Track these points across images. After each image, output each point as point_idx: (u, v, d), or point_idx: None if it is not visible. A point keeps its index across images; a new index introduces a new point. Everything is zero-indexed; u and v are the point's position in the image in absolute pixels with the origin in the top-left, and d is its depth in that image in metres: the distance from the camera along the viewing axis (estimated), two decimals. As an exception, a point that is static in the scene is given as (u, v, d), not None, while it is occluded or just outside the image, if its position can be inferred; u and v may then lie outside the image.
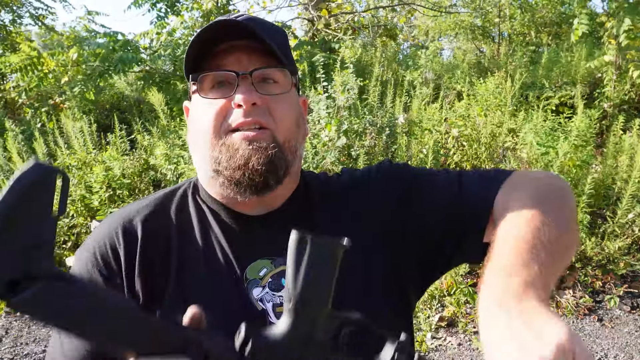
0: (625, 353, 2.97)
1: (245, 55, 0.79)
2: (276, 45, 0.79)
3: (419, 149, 3.99)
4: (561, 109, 5.07)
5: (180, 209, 0.87)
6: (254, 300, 0.80)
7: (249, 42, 0.80)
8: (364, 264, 0.84)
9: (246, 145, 0.77)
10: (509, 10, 8.42)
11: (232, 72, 0.78)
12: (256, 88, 0.79)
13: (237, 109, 0.78)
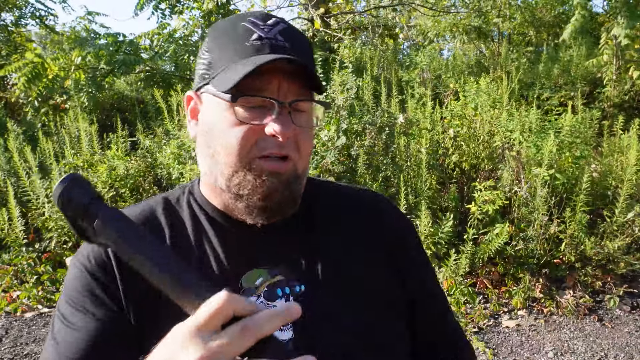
0: (625, 353, 2.97)
1: (285, 82, 0.77)
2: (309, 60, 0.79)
3: (417, 148, 3.99)
4: (560, 109, 5.07)
5: (173, 216, 0.86)
6: None
7: (290, 66, 0.77)
8: (363, 277, 0.85)
9: (273, 178, 0.77)
10: (509, 11, 8.42)
11: (273, 100, 0.76)
12: (292, 118, 0.77)
13: (270, 138, 0.77)
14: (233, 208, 0.81)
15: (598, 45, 6.50)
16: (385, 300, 0.86)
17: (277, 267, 0.82)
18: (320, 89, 0.80)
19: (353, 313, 0.81)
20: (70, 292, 0.80)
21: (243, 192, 0.78)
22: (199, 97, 0.85)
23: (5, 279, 3.81)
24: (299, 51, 0.79)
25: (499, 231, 3.38)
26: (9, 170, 4.69)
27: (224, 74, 0.78)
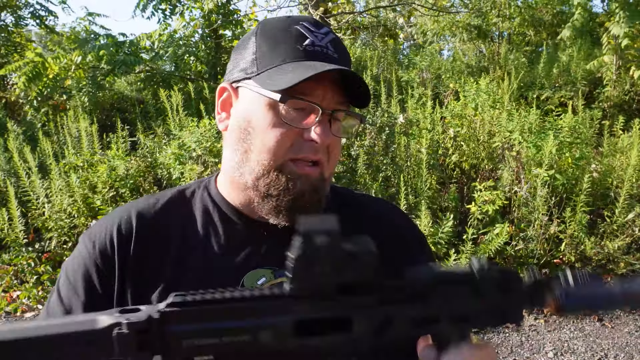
0: (625, 353, 2.97)
1: (330, 91, 0.79)
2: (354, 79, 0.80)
3: (417, 148, 3.99)
4: (560, 109, 5.07)
5: (185, 210, 0.86)
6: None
7: (337, 76, 0.79)
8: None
9: (304, 181, 0.79)
10: (508, 11, 8.42)
11: (317, 107, 0.78)
12: (331, 127, 0.80)
13: (307, 142, 0.79)
14: (256, 206, 0.82)
15: (598, 46, 6.50)
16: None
17: (282, 268, 0.81)
18: (362, 102, 0.82)
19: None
20: (72, 265, 0.82)
21: (272, 192, 0.79)
22: (235, 90, 0.84)
23: (5, 279, 3.82)
24: (345, 63, 0.82)
25: (499, 231, 3.38)
26: (9, 170, 4.70)
27: (273, 73, 0.78)
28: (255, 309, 0.56)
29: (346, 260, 0.54)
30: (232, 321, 0.56)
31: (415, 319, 0.59)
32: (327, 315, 0.57)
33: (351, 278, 0.55)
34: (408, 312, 0.59)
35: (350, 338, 0.57)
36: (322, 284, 0.55)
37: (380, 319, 0.58)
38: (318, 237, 0.53)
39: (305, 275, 0.54)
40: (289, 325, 0.56)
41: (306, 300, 0.56)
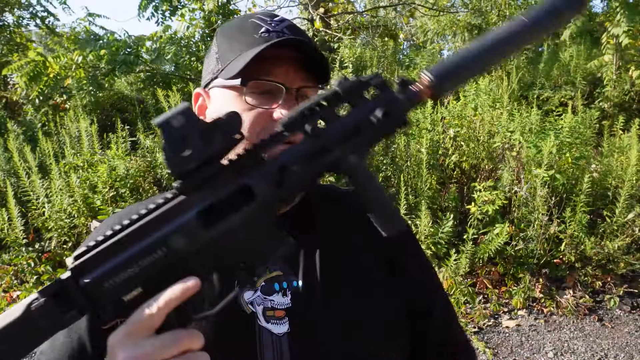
0: (625, 353, 2.97)
1: (292, 68, 0.81)
2: (316, 58, 0.81)
3: (417, 148, 3.99)
4: (560, 109, 5.07)
5: None
6: (243, 303, 0.81)
7: (294, 52, 0.80)
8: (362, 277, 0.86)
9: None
10: (508, 11, 8.42)
11: (281, 86, 0.79)
12: (298, 104, 0.79)
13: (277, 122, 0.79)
14: None
15: (598, 45, 6.50)
16: (384, 299, 0.86)
17: (276, 262, 0.84)
18: (327, 79, 0.83)
19: (349, 310, 0.82)
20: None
21: None
22: (207, 93, 0.87)
23: (5, 279, 3.81)
24: (308, 44, 0.82)
25: (499, 231, 3.38)
26: (9, 170, 4.69)
27: (232, 64, 0.81)
28: (155, 222, 0.56)
29: (212, 130, 0.54)
30: (138, 243, 0.55)
31: (306, 156, 0.58)
32: (224, 193, 0.57)
33: (224, 144, 0.55)
34: (295, 153, 0.58)
35: (258, 202, 0.57)
36: (200, 160, 0.54)
37: (273, 170, 0.58)
38: (174, 120, 0.53)
39: (181, 161, 0.54)
40: (193, 219, 0.56)
41: (198, 187, 0.56)
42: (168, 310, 0.55)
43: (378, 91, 0.60)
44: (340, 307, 0.82)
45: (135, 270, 0.55)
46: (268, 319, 0.80)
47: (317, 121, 0.59)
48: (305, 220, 0.88)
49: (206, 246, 0.57)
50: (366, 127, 0.59)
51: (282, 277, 0.83)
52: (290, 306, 0.81)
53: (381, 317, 0.84)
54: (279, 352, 0.77)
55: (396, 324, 0.87)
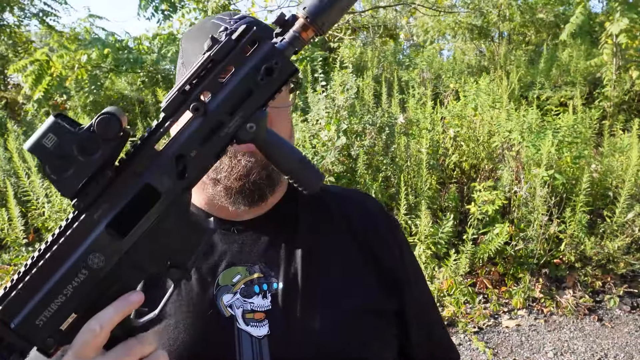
0: (625, 353, 2.97)
1: None
2: None
3: (417, 148, 3.99)
4: (560, 109, 5.07)
5: None
6: (222, 306, 0.80)
7: None
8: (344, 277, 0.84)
9: (248, 157, 0.78)
10: (509, 11, 8.42)
11: None
12: None
13: None
14: (214, 197, 0.82)
15: (597, 45, 6.50)
16: (366, 300, 0.85)
17: (256, 264, 0.83)
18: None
19: (330, 311, 0.81)
20: None
21: (220, 176, 0.79)
22: None
23: (5, 279, 3.81)
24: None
25: (499, 231, 3.38)
26: (9, 170, 4.69)
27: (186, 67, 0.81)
28: (67, 246, 0.54)
29: (89, 139, 0.51)
30: (57, 272, 0.54)
31: (200, 137, 0.55)
32: (127, 198, 0.54)
33: (108, 151, 0.52)
34: (188, 137, 0.55)
35: (164, 199, 0.55)
36: (87, 175, 0.52)
37: (169, 161, 0.55)
38: (45, 140, 0.50)
39: (66, 182, 0.52)
40: (104, 233, 0.54)
41: (98, 200, 0.54)
42: (112, 326, 0.55)
43: (256, 43, 0.55)
44: (321, 309, 0.80)
45: (63, 299, 0.54)
46: (247, 321, 0.79)
47: (200, 95, 0.54)
48: (288, 220, 0.87)
49: (126, 256, 0.55)
50: (254, 88, 0.55)
51: (262, 278, 0.82)
52: (270, 308, 0.80)
53: (362, 319, 0.83)
54: (259, 355, 0.77)
55: (377, 326, 0.85)
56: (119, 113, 0.53)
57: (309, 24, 0.55)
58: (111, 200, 0.54)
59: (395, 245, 0.92)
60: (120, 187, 0.54)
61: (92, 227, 0.54)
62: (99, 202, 0.54)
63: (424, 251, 3.37)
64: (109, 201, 0.54)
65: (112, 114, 0.52)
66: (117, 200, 0.54)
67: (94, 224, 0.54)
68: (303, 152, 3.02)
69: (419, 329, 0.92)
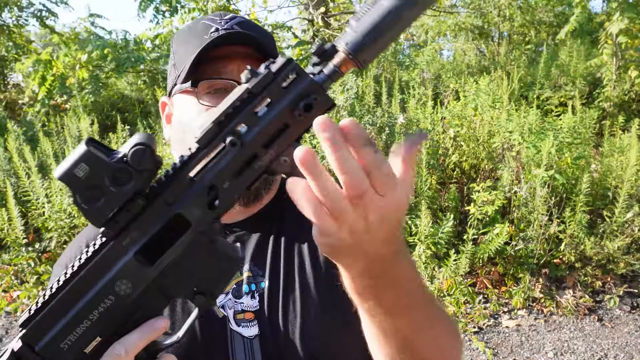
0: (625, 353, 2.97)
1: (243, 63, 0.80)
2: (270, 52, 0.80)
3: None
4: (560, 109, 5.07)
5: None
6: (215, 306, 0.80)
7: (246, 48, 0.80)
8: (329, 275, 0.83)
9: None
10: (509, 11, 8.42)
11: (232, 82, 0.79)
12: None
13: None
14: None
15: (597, 45, 6.50)
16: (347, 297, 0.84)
17: (246, 264, 0.84)
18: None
19: (314, 308, 0.81)
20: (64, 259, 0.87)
21: None
22: (171, 101, 0.88)
23: (5, 279, 3.82)
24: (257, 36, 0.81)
25: (499, 231, 3.38)
26: (9, 170, 4.69)
27: (186, 68, 0.81)
28: (95, 272, 0.54)
29: (122, 170, 0.51)
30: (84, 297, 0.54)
31: (233, 169, 0.54)
32: (156, 227, 0.54)
33: (140, 183, 0.52)
34: (221, 168, 0.54)
35: (194, 229, 0.55)
36: (118, 205, 0.52)
37: (201, 192, 0.54)
38: (77, 170, 0.50)
39: (97, 211, 0.51)
40: (132, 261, 0.54)
41: (127, 228, 0.54)
42: (137, 351, 0.55)
43: (294, 76, 0.53)
44: (301, 307, 0.80)
45: (88, 324, 0.55)
46: (239, 322, 0.79)
47: (237, 127, 0.53)
48: (276, 220, 0.87)
49: (153, 284, 0.55)
50: (291, 122, 0.54)
51: (251, 278, 0.82)
52: (259, 308, 0.80)
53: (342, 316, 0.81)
54: (251, 356, 0.77)
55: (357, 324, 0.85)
56: (152, 143, 0.53)
57: (350, 60, 0.54)
58: (141, 229, 0.54)
59: None
60: (150, 216, 0.54)
61: (120, 254, 0.54)
62: (129, 229, 0.54)
63: (424, 251, 3.37)
64: (139, 229, 0.54)
65: (147, 145, 0.52)
66: (146, 228, 0.54)
67: (122, 251, 0.54)
68: None
69: None
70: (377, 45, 0.54)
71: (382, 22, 0.53)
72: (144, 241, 0.54)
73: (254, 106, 0.53)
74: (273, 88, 0.53)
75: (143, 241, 0.54)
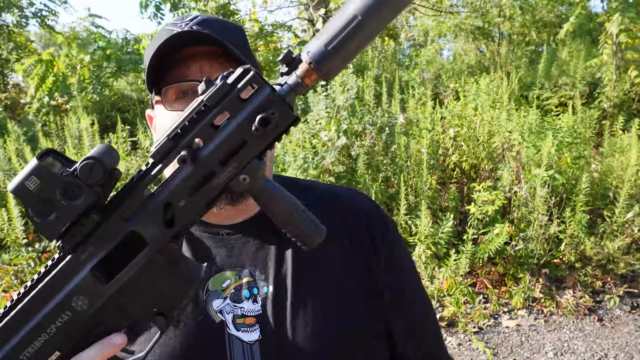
0: (625, 353, 2.97)
1: (207, 63, 0.79)
2: (235, 46, 0.78)
3: (417, 148, 3.99)
4: (560, 109, 5.07)
5: None
6: (212, 312, 0.79)
7: (209, 47, 0.79)
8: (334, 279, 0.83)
9: None
10: (509, 11, 8.42)
11: (196, 82, 0.77)
12: None
13: None
14: None
15: (597, 45, 6.50)
16: (358, 303, 0.83)
17: (245, 268, 0.82)
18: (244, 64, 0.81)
19: (320, 316, 0.80)
20: None
21: None
22: (154, 112, 0.87)
23: (5, 279, 3.82)
24: (216, 33, 0.79)
25: (499, 231, 3.38)
26: (9, 170, 4.70)
27: (147, 75, 0.81)
28: (51, 286, 0.54)
29: (73, 184, 0.50)
30: (40, 311, 0.54)
31: (190, 186, 0.52)
32: (113, 243, 0.53)
33: (92, 197, 0.51)
34: (177, 185, 0.52)
35: (151, 247, 0.53)
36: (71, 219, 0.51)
37: (157, 210, 0.53)
38: (28, 183, 0.50)
39: (49, 225, 0.51)
40: (89, 277, 0.53)
41: (83, 242, 0.53)
42: None
43: (254, 87, 0.50)
44: (311, 313, 0.79)
45: (46, 337, 0.54)
46: (238, 326, 0.78)
47: (192, 142, 0.51)
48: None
49: (110, 300, 0.55)
50: (249, 138, 0.51)
51: (252, 282, 0.81)
52: (261, 313, 0.79)
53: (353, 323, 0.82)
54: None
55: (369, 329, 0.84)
56: (106, 156, 0.51)
57: (313, 70, 0.50)
58: (97, 244, 0.53)
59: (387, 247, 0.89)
60: (106, 232, 0.53)
61: (77, 269, 0.54)
62: (85, 244, 0.53)
63: (424, 251, 3.37)
64: (95, 244, 0.53)
65: (97, 159, 0.50)
66: (103, 244, 0.53)
67: (79, 267, 0.54)
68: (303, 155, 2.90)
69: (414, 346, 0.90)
70: (340, 55, 0.49)
71: (344, 29, 0.49)
72: (100, 257, 0.53)
73: (210, 119, 0.51)
74: (230, 100, 0.50)
75: (99, 257, 0.53)
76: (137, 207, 0.53)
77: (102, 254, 0.54)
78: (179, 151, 0.51)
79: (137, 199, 0.53)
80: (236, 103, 0.50)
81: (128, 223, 0.53)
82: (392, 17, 0.50)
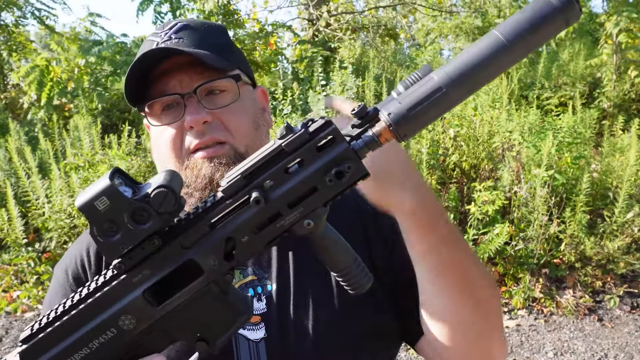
0: (625, 353, 2.97)
1: (185, 75, 0.79)
2: (216, 49, 0.79)
3: (417, 148, 3.99)
4: (560, 109, 5.07)
5: None
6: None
7: (187, 57, 0.79)
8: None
9: (208, 164, 0.79)
10: (509, 11, 8.42)
11: (176, 95, 0.79)
12: (204, 104, 0.79)
13: (190, 131, 0.79)
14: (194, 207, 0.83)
15: (597, 45, 6.50)
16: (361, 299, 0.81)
17: (249, 266, 0.83)
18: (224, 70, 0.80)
19: (325, 311, 0.80)
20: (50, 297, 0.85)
21: (191, 188, 0.80)
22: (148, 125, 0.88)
23: (5, 279, 3.82)
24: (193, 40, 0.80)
25: (499, 231, 3.38)
26: (9, 170, 4.70)
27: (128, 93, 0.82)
28: (102, 302, 0.54)
29: (142, 209, 0.51)
30: (87, 324, 0.54)
31: (254, 225, 0.53)
32: (170, 269, 0.54)
33: (159, 224, 0.51)
34: (242, 222, 0.53)
35: (206, 277, 0.54)
36: (134, 243, 0.52)
37: (219, 243, 0.54)
38: (98, 203, 0.50)
39: (112, 246, 0.51)
40: (140, 298, 0.54)
41: (141, 264, 0.54)
42: None
43: (330, 137, 0.52)
44: (314, 309, 0.79)
45: (87, 351, 0.55)
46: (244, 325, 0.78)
47: (264, 183, 0.52)
48: None
49: (157, 324, 0.55)
50: (320, 187, 0.52)
51: (256, 281, 0.81)
52: (266, 311, 0.79)
53: (356, 321, 0.81)
54: (257, 359, 0.76)
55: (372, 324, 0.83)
56: (176, 184, 0.52)
57: (392, 132, 0.52)
58: (153, 268, 0.54)
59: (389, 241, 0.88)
60: (164, 257, 0.54)
61: (129, 289, 0.54)
62: (142, 266, 0.54)
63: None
64: (151, 268, 0.54)
65: (170, 188, 0.51)
66: (159, 268, 0.54)
67: (132, 287, 0.54)
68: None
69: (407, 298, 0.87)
70: (419, 121, 0.52)
71: (428, 98, 0.51)
72: (154, 280, 0.54)
73: (285, 164, 0.52)
74: (307, 149, 0.51)
75: (154, 280, 0.54)
76: (198, 237, 0.54)
77: (157, 277, 0.54)
78: (250, 190, 0.52)
79: (200, 229, 0.54)
80: (312, 152, 0.52)
81: (188, 251, 0.54)
82: (473, 90, 0.54)
